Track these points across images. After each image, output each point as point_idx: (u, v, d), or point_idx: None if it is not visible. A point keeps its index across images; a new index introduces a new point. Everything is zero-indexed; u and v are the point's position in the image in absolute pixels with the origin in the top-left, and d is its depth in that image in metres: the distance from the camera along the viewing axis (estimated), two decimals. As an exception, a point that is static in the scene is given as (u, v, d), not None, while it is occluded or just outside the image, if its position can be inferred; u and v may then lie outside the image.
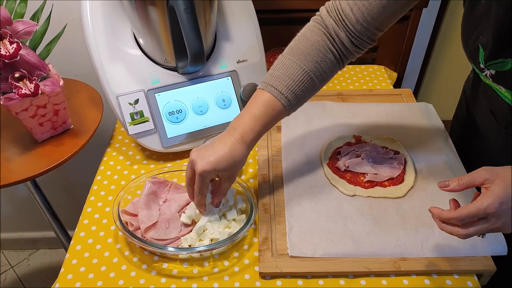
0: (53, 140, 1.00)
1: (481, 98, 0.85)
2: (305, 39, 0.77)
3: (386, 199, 0.85)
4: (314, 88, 0.77)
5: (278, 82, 0.74)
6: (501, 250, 0.75)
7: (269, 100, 0.74)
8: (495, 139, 0.85)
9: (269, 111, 0.74)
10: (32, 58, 0.85)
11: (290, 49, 0.77)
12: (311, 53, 0.75)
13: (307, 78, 0.74)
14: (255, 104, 0.75)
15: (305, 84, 0.74)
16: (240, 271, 0.76)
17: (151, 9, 0.85)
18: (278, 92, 0.73)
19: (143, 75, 0.93)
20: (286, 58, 0.75)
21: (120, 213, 0.80)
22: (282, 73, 0.74)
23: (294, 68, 0.74)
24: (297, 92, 0.74)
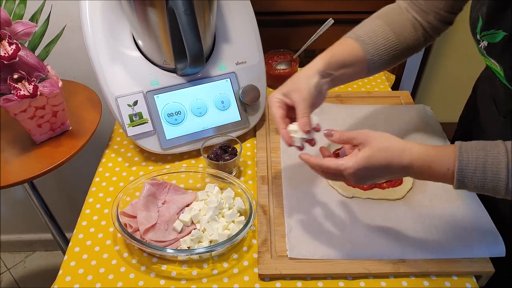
0: (52, 141, 1.00)
1: (486, 88, 0.87)
2: (388, 9, 0.84)
3: (385, 200, 0.85)
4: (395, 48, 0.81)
5: (359, 31, 0.81)
6: (499, 251, 0.76)
7: (346, 39, 0.81)
8: (494, 128, 0.85)
9: (343, 44, 0.80)
10: (31, 59, 0.84)
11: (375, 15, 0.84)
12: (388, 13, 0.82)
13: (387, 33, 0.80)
14: (336, 43, 0.81)
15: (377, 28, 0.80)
16: (239, 273, 0.76)
17: (150, 10, 0.85)
18: (357, 35, 0.80)
19: (142, 77, 0.93)
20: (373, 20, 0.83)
21: (119, 215, 0.79)
22: (367, 27, 0.81)
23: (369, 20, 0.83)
24: (377, 41, 0.79)
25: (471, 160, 0.61)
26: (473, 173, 0.61)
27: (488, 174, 0.60)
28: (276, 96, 0.76)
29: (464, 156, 0.61)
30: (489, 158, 0.60)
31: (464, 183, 0.62)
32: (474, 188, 0.62)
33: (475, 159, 0.61)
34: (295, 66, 1.17)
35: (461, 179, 0.61)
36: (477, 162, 0.60)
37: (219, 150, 0.92)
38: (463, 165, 0.61)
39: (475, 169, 0.60)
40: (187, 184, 0.91)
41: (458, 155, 0.62)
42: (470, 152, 0.61)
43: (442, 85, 1.74)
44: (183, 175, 0.91)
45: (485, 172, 0.60)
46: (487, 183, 0.60)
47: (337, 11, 1.23)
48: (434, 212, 0.82)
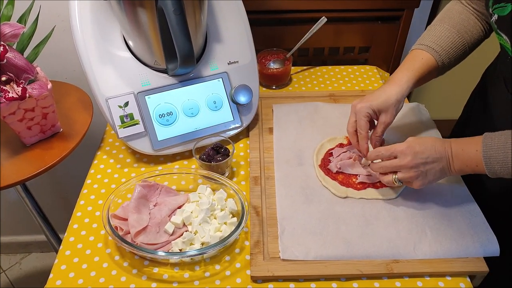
0: (42, 143, 0.99)
1: (497, 68, 0.90)
2: (449, 11, 0.88)
3: (379, 200, 0.85)
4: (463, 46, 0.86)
5: (425, 40, 0.86)
6: (493, 251, 0.75)
7: (418, 52, 0.86)
8: (503, 106, 0.86)
9: (418, 59, 0.85)
10: (19, 61, 0.83)
11: (438, 19, 0.89)
12: (451, 15, 0.87)
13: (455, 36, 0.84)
14: (406, 60, 0.87)
15: (452, 40, 0.84)
16: (231, 275, 0.76)
17: (140, 10, 0.84)
18: (426, 46, 0.85)
19: (132, 78, 0.92)
20: (435, 25, 0.88)
21: (110, 218, 0.79)
22: (429, 34, 0.87)
23: (440, 29, 0.86)
24: (444, 45, 0.84)
25: (494, 142, 0.70)
26: (497, 153, 0.69)
27: (510, 154, 0.67)
28: (366, 110, 0.82)
29: (487, 138, 0.71)
30: (509, 140, 0.68)
31: (491, 164, 0.70)
32: (502, 170, 0.69)
33: (497, 141, 0.69)
34: (288, 65, 1.16)
35: (487, 160, 0.70)
36: (499, 143, 0.69)
37: (211, 151, 0.91)
38: (487, 146, 0.70)
39: (498, 149, 0.69)
40: (179, 185, 0.90)
41: (483, 138, 0.71)
42: (493, 136, 0.70)
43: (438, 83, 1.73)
44: (175, 177, 0.90)
45: (506, 152, 0.68)
46: (510, 163, 0.68)
47: (330, 9, 1.22)
48: (427, 212, 0.82)
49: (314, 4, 1.22)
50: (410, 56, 0.87)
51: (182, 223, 0.80)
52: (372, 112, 0.83)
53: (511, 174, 0.69)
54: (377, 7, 1.25)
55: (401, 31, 1.29)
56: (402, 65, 0.86)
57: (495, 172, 0.70)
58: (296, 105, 1.08)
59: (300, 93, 1.16)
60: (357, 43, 1.33)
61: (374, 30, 1.29)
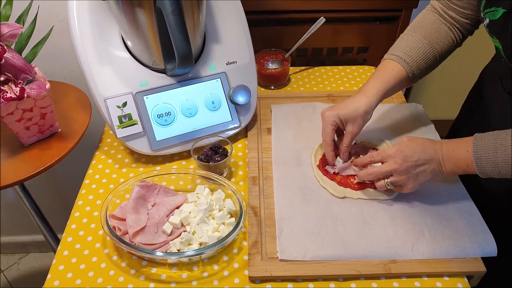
0: (41, 143, 0.99)
1: (493, 68, 0.91)
2: (422, 20, 0.88)
3: (376, 201, 0.85)
4: (434, 59, 0.87)
5: (396, 51, 0.87)
6: (490, 251, 0.75)
7: (388, 63, 0.87)
8: (499, 105, 0.87)
9: (388, 70, 0.86)
10: (17, 61, 0.83)
11: (410, 28, 0.89)
12: (430, 30, 0.86)
13: (426, 47, 0.85)
14: (376, 70, 0.88)
15: (423, 52, 0.85)
16: (229, 275, 0.76)
17: (138, 10, 0.84)
18: (396, 56, 0.86)
19: (131, 78, 0.92)
20: (406, 34, 0.89)
21: (108, 218, 0.79)
22: (400, 44, 0.88)
23: (411, 39, 0.87)
24: (414, 56, 0.85)
25: (484, 143, 0.70)
26: (487, 153, 0.69)
27: (499, 154, 0.68)
28: (333, 118, 0.84)
29: (478, 139, 0.71)
30: (498, 140, 0.69)
31: (482, 165, 0.70)
32: (492, 171, 0.70)
33: (487, 142, 0.70)
34: (286, 65, 1.16)
35: (478, 160, 0.70)
36: (489, 144, 0.69)
37: (209, 151, 0.91)
38: (477, 147, 0.70)
39: (488, 149, 0.69)
40: (178, 185, 0.90)
41: (473, 139, 0.72)
42: (484, 137, 0.71)
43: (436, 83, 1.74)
44: (173, 177, 0.91)
45: (496, 152, 0.68)
46: (500, 163, 0.68)
47: (328, 9, 1.22)
48: (425, 212, 0.82)
49: (312, 5, 1.22)
50: (381, 66, 0.88)
51: (180, 223, 0.80)
52: (339, 121, 0.84)
53: (501, 174, 0.70)
54: (375, 7, 1.25)
55: (399, 31, 1.29)
56: (373, 76, 0.88)
57: (486, 172, 0.71)
58: (295, 105, 1.08)
59: (299, 93, 1.17)
60: (356, 44, 1.33)
61: (372, 31, 1.29)
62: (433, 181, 0.78)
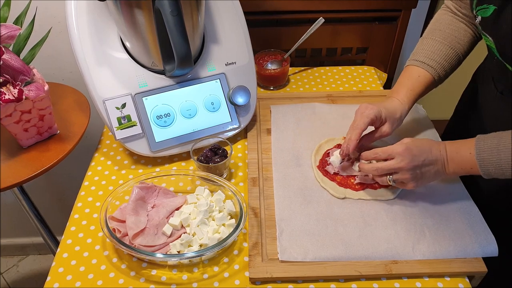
0: (39, 145, 0.98)
1: (486, 68, 0.91)
2: (438, 20, 0.90)
3: (377, 201, 0.84)
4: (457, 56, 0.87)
5: (418, 56, 0.88)
6: (491, 251, 0.75)
7: (413, 69, 0.88)
8: (492, 104, 0.87)
9: (415, 77, 0.87)
10: (15, 63, 0.83)
11: (428, 32, 0.90)
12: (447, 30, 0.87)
13: (448, 49, 0.86)
14: (402, 77, 0.89)
15: (445, 52, 0.86)
16: (230, 277, 0.75)
17: (137, 11, 0.83)
18: (420, 62, 0.87)
19: (130, 79, 0.92)
20: (425, 38, 0.89)
21: (108, 220, 0.78)
22: (421, 49, 0.88)
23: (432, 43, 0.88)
24: (438, 59, 0.86)
25: (487, 145, 0.71)
26: (490, 155, 0.70)
27: (502, 156, 0.68)
28: (375, 111, 0.82)
29: (480, 141, 0.72)
30: (501, 141, 0.69)
31: (485, 166, 0.71)
32: (496, 172, 0.70)
33: (490, 143, 0.70)
34: (286, 66, 1.16)
35: (481, 162, 0.71)
36: (491, 145, 0.70)
37: (209, 152, 0.91)
38: (480, 149, 0.71)
39: (491, 151, 0.70)
40: (177, 187, 0.90)
41: (476, 141, 0.72)
42: (486, 138, 0.72)
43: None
44: (173, 178, 0.90)
45: (499, 154, 0.69)
46: (503, 164, 0.68)
47: (327, 10, 1.22)
48: (426, 212, 0.82)
49: (311, 5, 1.22)
50: (407, 73, 0.89)
51: (180, 225, 0.80)
52: (378, 117, 0.83)
53: (505, 175, 0.70)
54: (374, 7, 1.25)
55: (398, 31, 1.29)
56: (401, 83, 0.88)
57: (490, 173, 0.71)
58: (294, 106, 1.08)
59: (298, 94, 1.16)
60: (355, 44, 1.33)
61: (371, 31, 1.29)
62: (434, 180, 0.78)
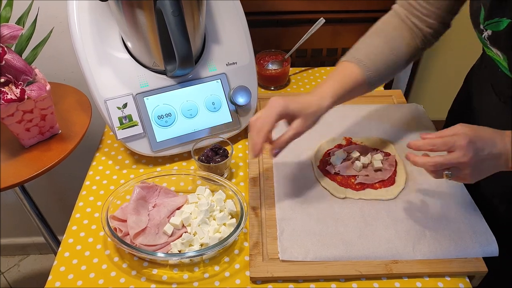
0: (41, 145, 0.99)
1: (484, 76, 0.87)
2: (384, 24, 0.84)
3: (377, 201, 0.85)
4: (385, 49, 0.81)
5: (356, 53, 0.81)
6: (492, 251, 0.75)
7: (347, 64, 0.81)
8: (492, 112, 0.85)
9: (347, 73, 0.80)
10: (17, 63, 0.83)
11: (369, 32, 0.84)
12: (392, 33, 0.82)
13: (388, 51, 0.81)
14: (333, 72, 0.82)
15: (385, 56, 0.80)
16: (230, 276, 0.76)
17: (139, 11, 0.84)
18: (356, 58, 0.80)
19: (131, 79, 0.92)
20: (366, 37, 0.83)
21: (109, 219, 0.79)
22: (359, 46, 0.82)
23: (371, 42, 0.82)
24: (375, 60, 0.80)
25: None
26: None
27: None
28: (282, 108, 0.74)
29: None
30: None
31: None
32: None
33: None
34: (286, 66, 1.16)
35: None
36: None
37: (210, 152, 0.91)
38: None
39: None
40: (178, 186, 0.90)
41: None
42: None
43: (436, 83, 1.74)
44: (174, 178, 0.90)
45: None
46: None
47: (328, 10, 1.22)
48: (426, 212, 0.82)
49: (312, 5, 1.23)
50: (340, 67, 0.81)
51: (181, 224, 0.80)
52: (286, 113, 0.75)
53: None
54: (375, 8, 1.25)
55: (399, 32, 1.29)
56: (330, 77, 0.80)
57: None
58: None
59: (299, 94, 1.17)
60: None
61: (372, 31, 1.29)
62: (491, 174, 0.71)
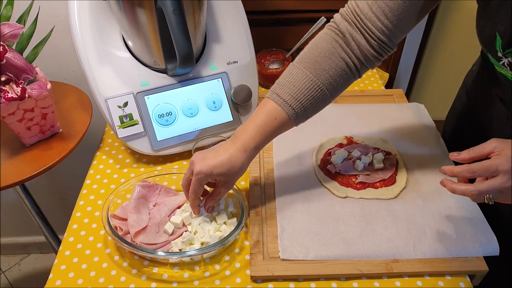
0: (42, 144, 0.99)
1: (490, 87, 0.85)
2: (315, 46, 0.74)
3: (378, 200, 0.85)
4: (325, 98, 0.74)
5: (283, 91, 0.73)
6: (493, 250, 0.75)
7: (273, 108, 0.73)
8: (503, 125, 0.83)
9: (271, 119, 0.73)
10: (18, 61, 0.83)
11: (299, 57, 0.75)
12: (320, 61, 0.72)
13: (315, 88, 0.72)
14: (259, 112, 0.74)
15: (312, 94, 0.72)
16: (231, 275, 0.76)
17: (139, 10, 0.84)
18: (282, 100, 0.72)
19: (132, 78, 0.92)
20: (294, 66, 0.74)
21: (110, 218, 0.79)
22: (288, 81, 0.73)
23: (301, 77, 0.72)
24: (304, 101, 0.73)
25: None
26: None
27: None
28: (206, 178, 0.73)
29: None
30: None
31: None
32: None
33: None
34: (287, 65, 1.16)
35: None
36: None
37: (210, 151, 0.91)
38: None
39: None
40: (179, 185, 0.90)
41: None
42: None
43: (437, 83, 1.74)
44: (174, 177, 0.90)
45: None
46: None
47: (329, 9, 1.22)
48: (427, 211, 0.82)
49: (313, 5, 1.22)
50: (264, 108, 0.74)
51: (181, 223, 0.80)
52: (212, 179, 0.74)
53: None
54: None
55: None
56: (253, 122, 0.74)
57: None
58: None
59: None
60: (356, 44, 1.33)
61: (373, 30, 1.29)
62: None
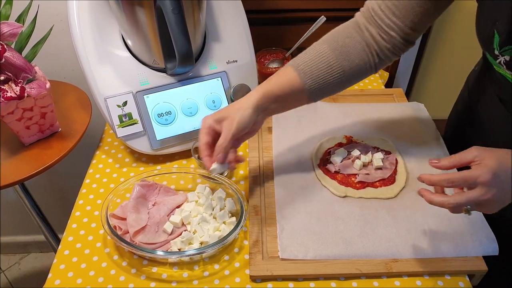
0: (41, 143, 0.99)
1: (490, 87, 0.85)
2: (338, 32, 0.79)
3: (378, 200, 0.84)
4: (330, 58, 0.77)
5: (297, 57, 0.78)
6: (492, 250, 0.75)
7: (286, 69, 0.78)
8: (502, 126, 0.83)
9: (283, 75, 0.77)
10: (17, 61, 0.83)
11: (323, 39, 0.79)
12: (338, 36, 0.77)
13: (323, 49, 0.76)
14: (276, 73, 0.79)
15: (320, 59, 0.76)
16: (230, 275, 0.76)
17: (139, 9, 0.84)
18: (293, 62, 0.77)
19: (131, 77, 0.92)
20: (319, 44, 0.78)
21: (109, 217, 0.79)
22: (310, 54, 0.77)
23: (320, 51, 0.77)
24: (310, 62, 0.76)
25: None
26: None
27: None
28: (207, 121, 0.75)
29: None
30: None
31: None
32: None
33: None
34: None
35: None
36: None
37: (210, 150, 0.91)
38: None
39: None
40: (178, 185, 0.90)
41: None
42: None
43: (437, 82, 1.73)
44: (174, 176, 0.90)
45: None
46: None
47: (329, 8, 1.22)
48: (427, 211, 0.81)
49: (313, 4, 1.22)
50: (280, 71, 0.78)
51: (181, 223, 0.80)
52: (214, 122, 0.75)
53: None
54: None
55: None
56: (268, 79, 0.79)
57: None
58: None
59: None
60: (356, 43, 1.33)
61: (373, 30, 1.29)
62: None
